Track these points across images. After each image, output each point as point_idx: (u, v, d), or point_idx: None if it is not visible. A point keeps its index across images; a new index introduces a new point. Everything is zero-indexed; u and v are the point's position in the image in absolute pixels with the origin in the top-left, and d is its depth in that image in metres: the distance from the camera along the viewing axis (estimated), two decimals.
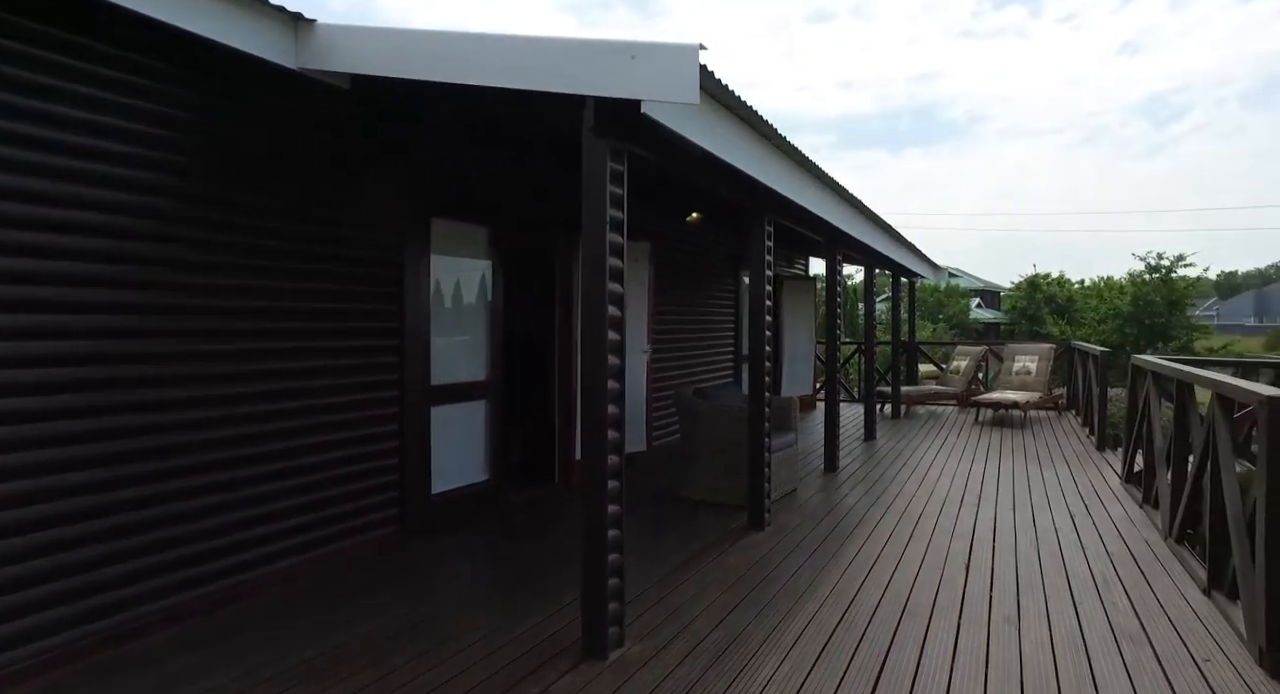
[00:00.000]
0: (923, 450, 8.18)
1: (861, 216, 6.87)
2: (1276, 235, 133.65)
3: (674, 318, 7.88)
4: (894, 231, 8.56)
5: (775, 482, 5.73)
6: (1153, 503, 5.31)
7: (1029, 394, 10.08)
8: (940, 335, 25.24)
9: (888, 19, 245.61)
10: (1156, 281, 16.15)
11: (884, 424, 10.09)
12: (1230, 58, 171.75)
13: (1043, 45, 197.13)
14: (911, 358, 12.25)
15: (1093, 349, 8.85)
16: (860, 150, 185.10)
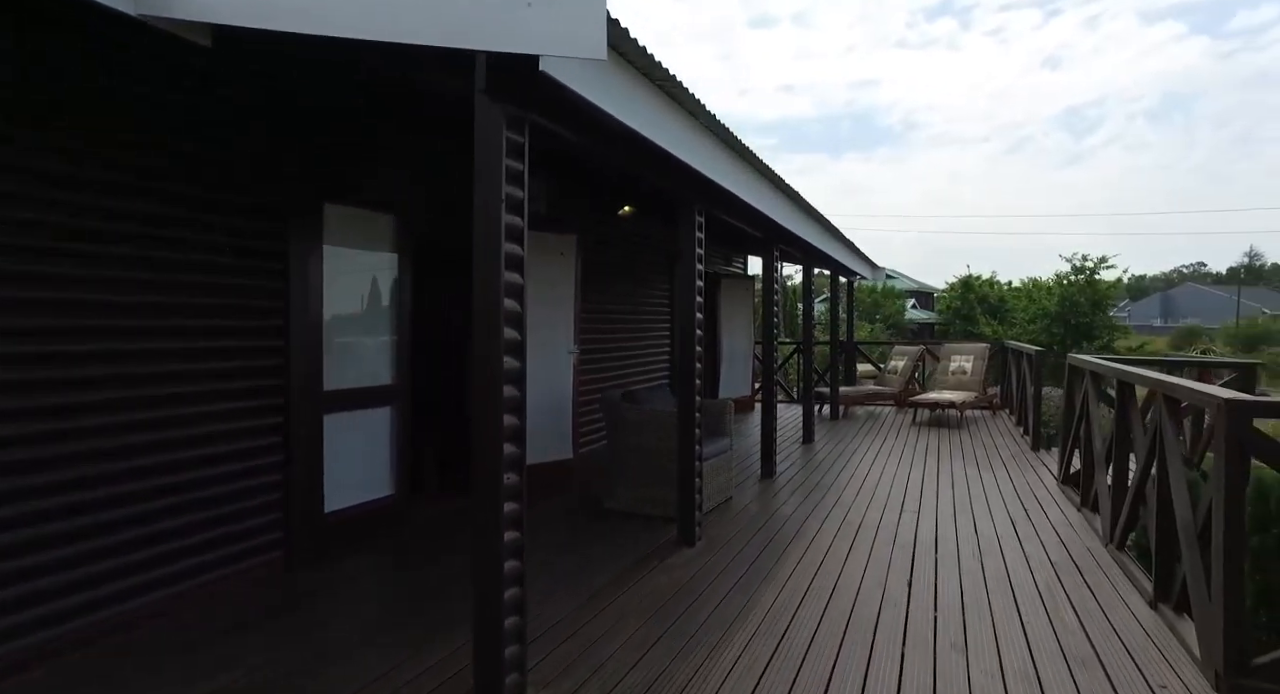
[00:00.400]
0: (861, 453, 7.98)
1: (800, 211, 6.61)
2: (1180, 241, 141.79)
3: (605, 317, 7.47)
4: (833, 228, 8.35)
5: (708, 491, 5.38)
6: (1091, 506, 5.17)
7: (965, 394, 10.05)
8: (877, 335, 25.55)
9: (827, 26, 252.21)
10: (1081, 283, 16.64)
11: (822, 426, 9.91)
12: (1137, 76, 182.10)
13: (972, 57, 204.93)
14: (850, 358, 12.16)
15: (1027, 349, 8.85)
16: (802, 154, 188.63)
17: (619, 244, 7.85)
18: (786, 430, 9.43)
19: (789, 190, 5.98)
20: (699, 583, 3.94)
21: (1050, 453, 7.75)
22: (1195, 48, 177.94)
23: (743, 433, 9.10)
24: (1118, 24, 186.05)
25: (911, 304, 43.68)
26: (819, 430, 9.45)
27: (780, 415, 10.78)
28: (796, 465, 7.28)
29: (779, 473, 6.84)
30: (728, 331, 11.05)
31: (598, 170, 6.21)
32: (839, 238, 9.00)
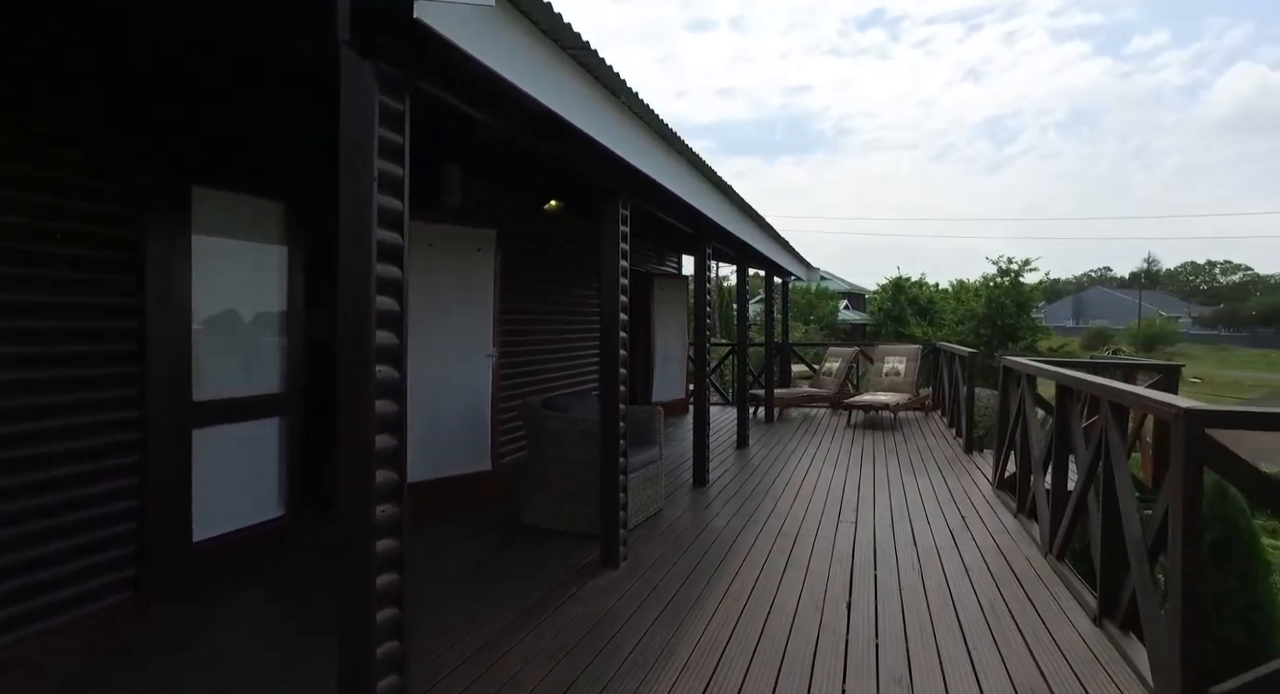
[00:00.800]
0: (797, 458, 7.77)
1: (733, 206, 6.32)
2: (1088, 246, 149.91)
3: (530, 318, 7.03)
4: (768, 226, 8.13)
5: (636, 505, 5.02)
6: (1028, 513, 5.04)
7: (898, 395, 10.01)
8: (811, 336, 25.79)
9: (763, 32, 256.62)
10: (1007, 285, 17.06)
11: (757, 429, 9.69)
12: (1049, 90, 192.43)
13: (901, 67, 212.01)
14: (785, 359, 12.03)
15: (959, 350, 8.83)
16: (738, 156, 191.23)
17: (547, 242, 7.42)
18: (721, 434, 9.17)
19: (722, 184, 5.68)
20: (621, 612, 3.56)
21: (983, 455, 7.71)
22: (1099, 67, 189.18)
23: (676, 438, 8.79)
24: (1032, 41, 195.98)
25: (844, 305, 44.48)
26: (754, 434, 9.23)
27: (715, 419, 10.55)
28: (731, 472, 7.00)
29: (712, 481, 6.54)
30: (661, 332, 10.75)
31: (521, 159, 5.78)
32: (773, 236, 8.80)
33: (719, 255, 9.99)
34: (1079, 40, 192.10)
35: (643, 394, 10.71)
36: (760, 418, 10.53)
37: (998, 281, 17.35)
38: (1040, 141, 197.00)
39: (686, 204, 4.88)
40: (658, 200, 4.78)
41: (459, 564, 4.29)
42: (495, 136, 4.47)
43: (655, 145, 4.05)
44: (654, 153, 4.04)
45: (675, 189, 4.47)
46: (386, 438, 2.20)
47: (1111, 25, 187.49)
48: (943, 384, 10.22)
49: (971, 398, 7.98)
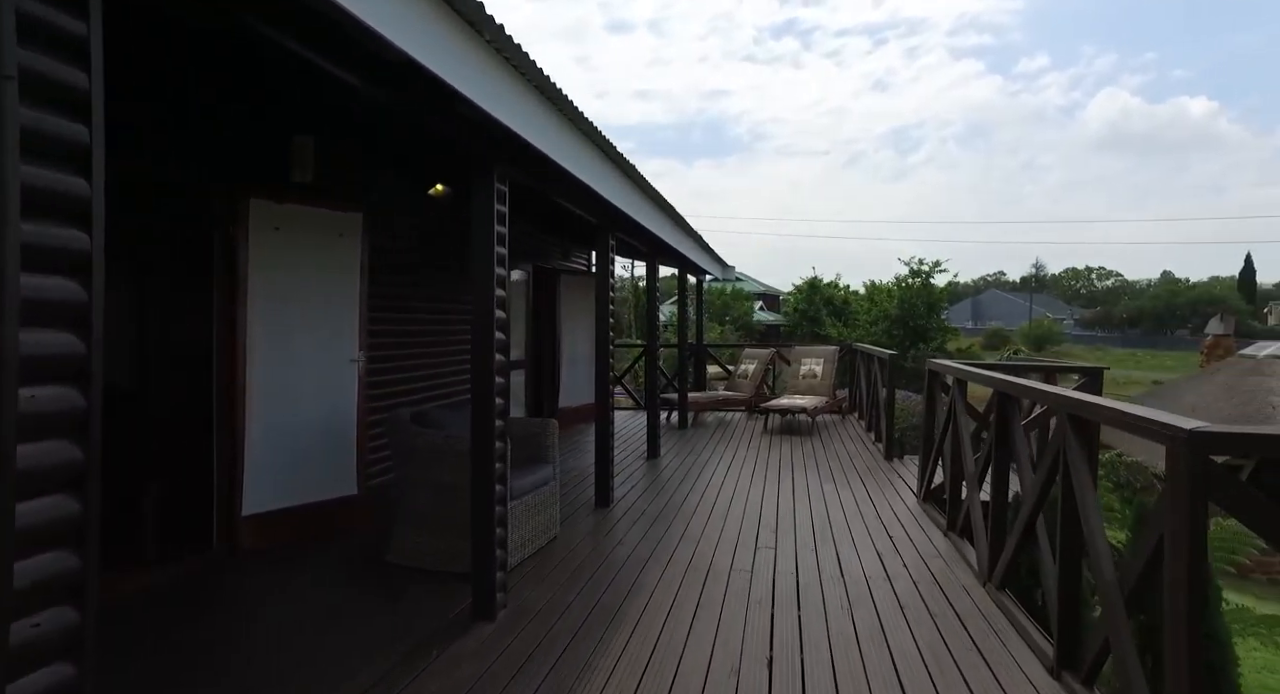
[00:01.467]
0: (711, 468, 7.19)
1: (642, 194, 5.65)
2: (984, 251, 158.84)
3: (407, 317, 6.14)
4: (681, 219, 7.52)
5: (524, 535, 4.27)
6: (960, 532, 4.58)
7: (816, 399, 9.62)
8: (727, 337, 25.56)
9: (680, 36, 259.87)
10: (918, 286, 17.18)
11: (670, 436, 9.09)
12: (948, 104, 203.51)
13: (813, 76, 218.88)
14: (700, 361, 11.50)
15: (879, 352, 8.48)
16: (657, 158, 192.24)
17: (433, 231, 6.55)
18: (631, 443, 8.51)
19: (628, 167, 5.01)
20: (492, 685, 2.81)
21: (904, 462, 7.35)
22: (991, 84, 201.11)
23: (583, 447, 8.07)
24: (932, 57, 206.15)
25: (760, 306, 44.86)
26: (666, 441, 8.61)
27: (625, 425, 9.89)
28: (639, 487, 6.33)
29: (618, 500, 5.85)
30: (569, 333, 10.00)
31: (391, 131, 4.92)
32: (687, 231, 8.21)
33: (627, 250, 9.34)
34: (973, 59, 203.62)
35: (550, 400, 9.94)
36: (674, 423, 9.95)
37: (909, 283, 17.48)
38: (940, 152, 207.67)
39: (583, 185, 4.17)
40: (547, 177, 4.05)
41: (297, 619, 3.43)
42: (352, 99, 3.64)
43: (539, 108, 3.32)
44: (537, 117, 3.31)
45: (569, 165, 3.75)
46: (58, 501, 1.38)
47: (1001, 47, 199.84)
48: (860, 386, 9.91)
49: (891, 402, 7.61)
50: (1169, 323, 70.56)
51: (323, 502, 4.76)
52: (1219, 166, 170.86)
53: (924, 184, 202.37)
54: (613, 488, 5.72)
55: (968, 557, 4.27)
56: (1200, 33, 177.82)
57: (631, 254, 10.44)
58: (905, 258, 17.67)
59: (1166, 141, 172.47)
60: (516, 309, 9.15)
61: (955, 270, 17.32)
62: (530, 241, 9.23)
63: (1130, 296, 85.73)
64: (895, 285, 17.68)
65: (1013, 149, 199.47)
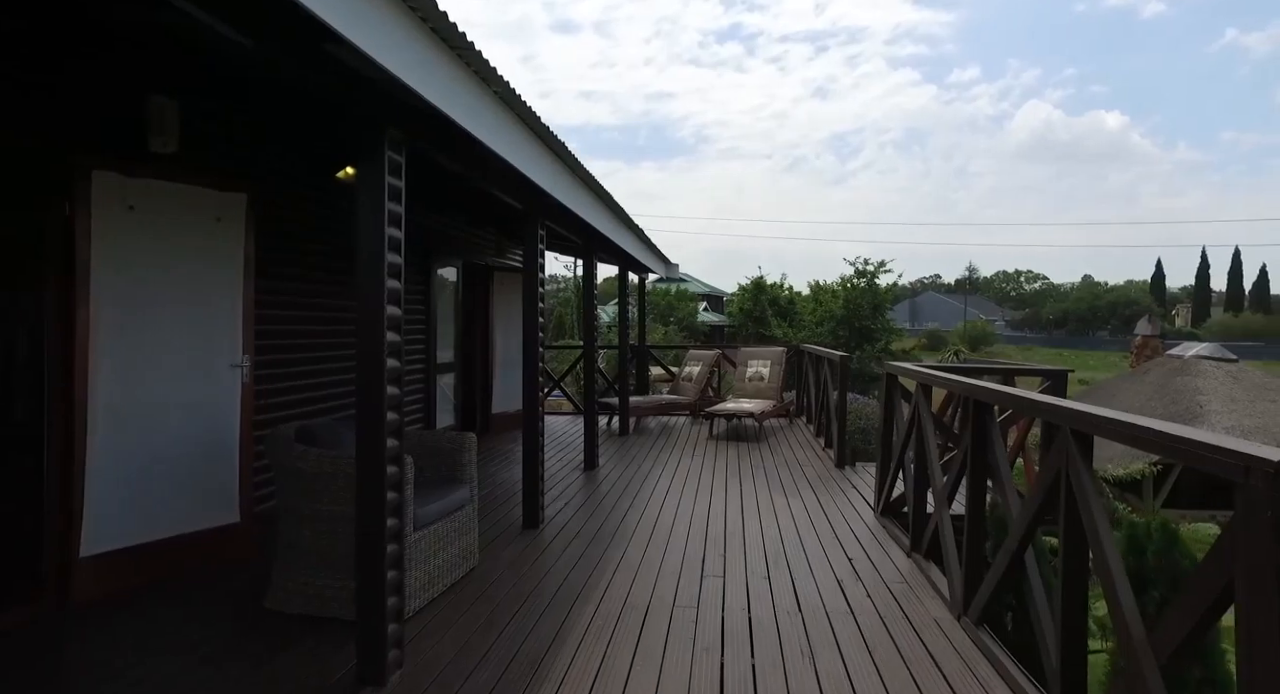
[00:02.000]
0: (653, 480, 6.65)
1: (572, 175, 5.06)
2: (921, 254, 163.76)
3: (306, 315, 5.41)
4: (620, 210, 6.97)
5: (433, 569, 3.64)
6: (925, 553, 4.15)
7: (763, 403, 9.19)
8: (671, 338, 25.14)
9: (626, 38, 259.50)
10: (864, 286, 17.03)
11: (610, 444, 8.52)
12: (886, 111, 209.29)
13: (757, 81, 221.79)
14: (642, 364, 10.97)
15: (829, 354, 8.08)
16: (601, 159, 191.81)
17: (337, 218, 5.82)
18: (567, 452, 7.92)
19: (554, 141, 4.42)
20: None
21: (857, 471, 6.95)
22: (926, 93, 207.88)
23: (515, 457, 7.43)
24: (871, 65, 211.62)
25: (704, 307, 44.74)
26: (605, 450, 8.04)
27: (563, 431, 9.28)
28: (573, 504, 5.74)
29: (548, 519, 5.25)
30: (503, 334, 9.34)
31: (267, 90, 4.19)
32: (627, 223, 7.66)
33: (561, 244, 8.74)
34: (909, 68, 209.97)
35: (482, 406, 9.25)
36: (614, 429, 9.38)
37: (855, 283, 17.32)
38: (879, 158, 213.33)
39: (500, 160, 3.56)
40: (454, 148, 3.43)
41: (150, 680, 2.72)
42: (214, 50, 2.94)
43: (439, 57, 2.71)
44: (438, 69, 2.70)
45: (481, 133, 3.15)
46: None
47: (936, 57, 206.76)
48: (808, 389, 9.52)
49: (843, 407, 7.21)
50: (1091, 324, 73.83)
51: (195, 534, 4.02)
52: (1131, 177, 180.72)
53: (863, 188, 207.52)
54: (543, 507, 5.12)
55: (936, 583, 3.83)
56: (1113, 52, 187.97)
57: (567, 249, 9.84)
58: (851, 258, 17.49)
59: (1086, 152, 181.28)
60: (446, 309, 8.44)
61: (900, 271, 17.11)
62: (460, 236, 8.54)
63: (1056, 299, 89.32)
64: (841, 286, 17.48)
65: (947, 155, 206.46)
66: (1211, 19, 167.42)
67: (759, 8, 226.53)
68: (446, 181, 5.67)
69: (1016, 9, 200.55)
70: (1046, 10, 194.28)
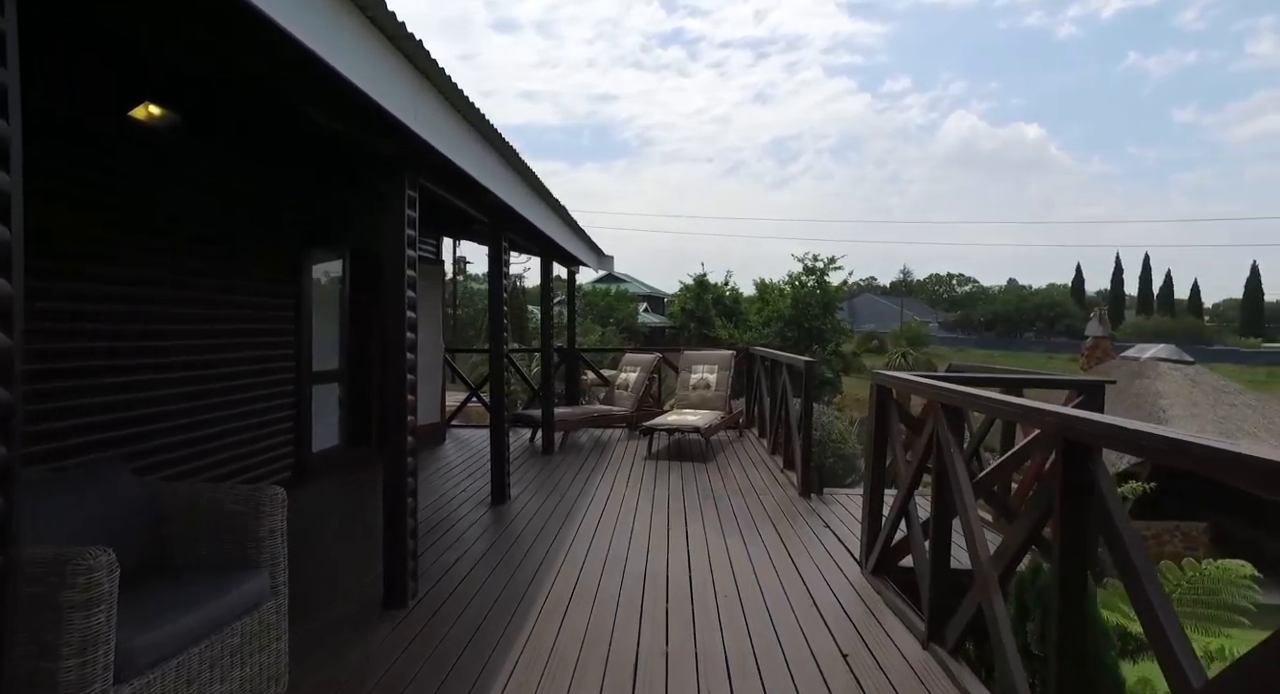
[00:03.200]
0: (577, 518, 5.29)
1: (464, 124, 3.67)
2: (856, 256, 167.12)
3: (90, 312, 3.85)
4: (539, 183, 5.61)
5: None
6: (951, 646, 2.91)
7: (710, 414, 7.95)
8: (610, 340, 23.80)
9: (569, 39, 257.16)
10: (812, 284, 15.99)
11: (530, 465, 7.13)
12: (823, 118, 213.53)
13: (699, 85, 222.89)
14: (573, 370, 9.58)
15: (790, 360, 6.84)
16: (544, 160, 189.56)
17: (141, 177, 4.27)
18: (474, 479, 6.48)
19: (461, 101, 3.04)
20: None
21: (826, 500, 5.74)
22: (862, 101, 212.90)
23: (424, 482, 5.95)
24: (809, 73, 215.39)
25: (644, 308, 43.69)
26: (524, 474, 6.65)
27: (478, 450, 7.83)
28: (467, 560, 4.33)
29: (423, 595, 3.81)
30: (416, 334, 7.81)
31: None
32: (551, 204, 6.30)
33: (465, 226, 7.31)
34: (845, 77, 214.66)
35: (379, 421, 7.72)
36: (539, 446, 7.98)
37: (803, 280, 16.27)
38: (817, 163, 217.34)
39: (376, 107, 2.18)
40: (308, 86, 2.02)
41: None
42: None
43: None
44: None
45: (347, 71, 1.76)
46: None
47: (871, 67, 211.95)
48: (761, 399, 8.32)
49: (808, 425, 5.99)
50: (1019, 325, 76.09)
51: None
52: (1050, 186, 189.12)
53: (803, 193, 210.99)
54: (412, 578, 3.68)
55: (965, 685, 2.59)
56: (1032, 68, 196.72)
57: (468, 232, 8.38)
58: (799, 254, 16.41)
59: (1009, 161, 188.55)
60: (328, 308, 6.90)
61: (850, 269, 16.15)
62: (346, 218, 7.01)
63: (985, 301, 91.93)
64: (788, 284, 16.40)
65: (881, 162, 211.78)
66: (1116, 42, 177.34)
67: (701, 14, 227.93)
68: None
69: (945, 24, 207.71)
70: (972, 26, 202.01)
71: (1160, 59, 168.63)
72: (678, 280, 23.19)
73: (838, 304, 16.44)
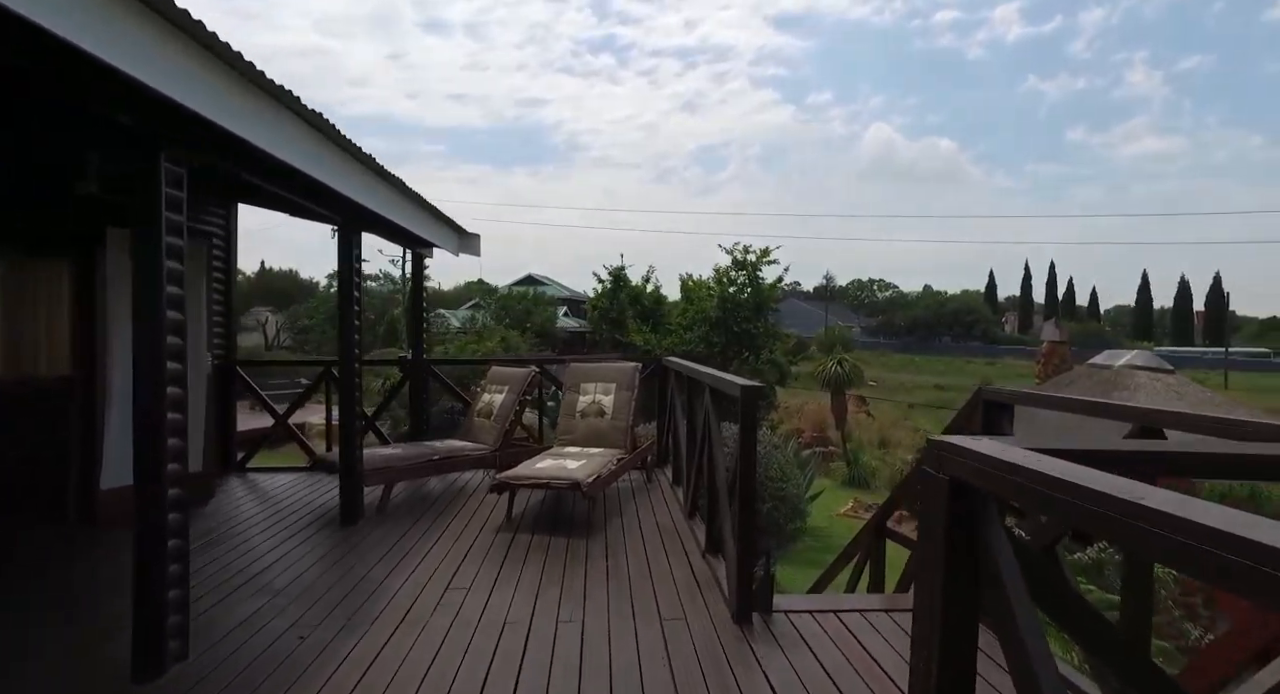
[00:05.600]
0: (340, 655, 2.72)
1: None
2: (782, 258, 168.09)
3: None
4: (324, 125, 3.06)
5: None
6: None
7: (602, 456, 5.48)
8: (517, 348, 21.00)
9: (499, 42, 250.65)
10: (743, 281, 13.58)
11: (319, 543, 4.50)
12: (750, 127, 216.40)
13: (629, 92, 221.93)
14: (417, 388, 6.94)
15: (720, 382, 4.30)
16: (471, 164, 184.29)
17: None
18: (260, 551, 3.80)
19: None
20: None
21: (774, 631, 3.34)
22: (786, 113, 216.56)
23: (117, 584, 3.26)
24: (736, 83, 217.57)
25: (564, 312, 41.34)
26: (296, 565, 4.02)
27: (271, 500, 5.16)
28: None
29: None
30: (125, 347, 5.05)
31: None
32: (339, 141, 3.71)
33: (232, 181, 4.63)
34: (771, 89, 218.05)
35: (78, 480, 4.97)
36: (373, 505, 5.33)
37: (731, 276, 13.85)
38: (743, 171, 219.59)
39: None
40: None
41: None
42: None
43: None
44: None
45: None
46: None
47: (795, 79, 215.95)
48: (676, 431, 5.90)
49: (750, 489, 3.55)
50: (937, 330, 77.45)
51: None
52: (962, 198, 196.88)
53: (729, 200, 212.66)
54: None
55: None
56: (945, 86, 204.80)
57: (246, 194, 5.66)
58: (727, 245, 14.03)
59: (925, 172, 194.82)
60: None
61: (786, 264, 13.90)
62: None
63: (904, 307, 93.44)
64: (715, 280, 13.93)
65: (804, 171, 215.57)
66: (1018, 65, 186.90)
67: (632, 21, 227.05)
68: None
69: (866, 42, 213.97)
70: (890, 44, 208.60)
71: (1054, 83, 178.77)
72: (592, 275, 20.70)
73: (774, 304, 14.13)
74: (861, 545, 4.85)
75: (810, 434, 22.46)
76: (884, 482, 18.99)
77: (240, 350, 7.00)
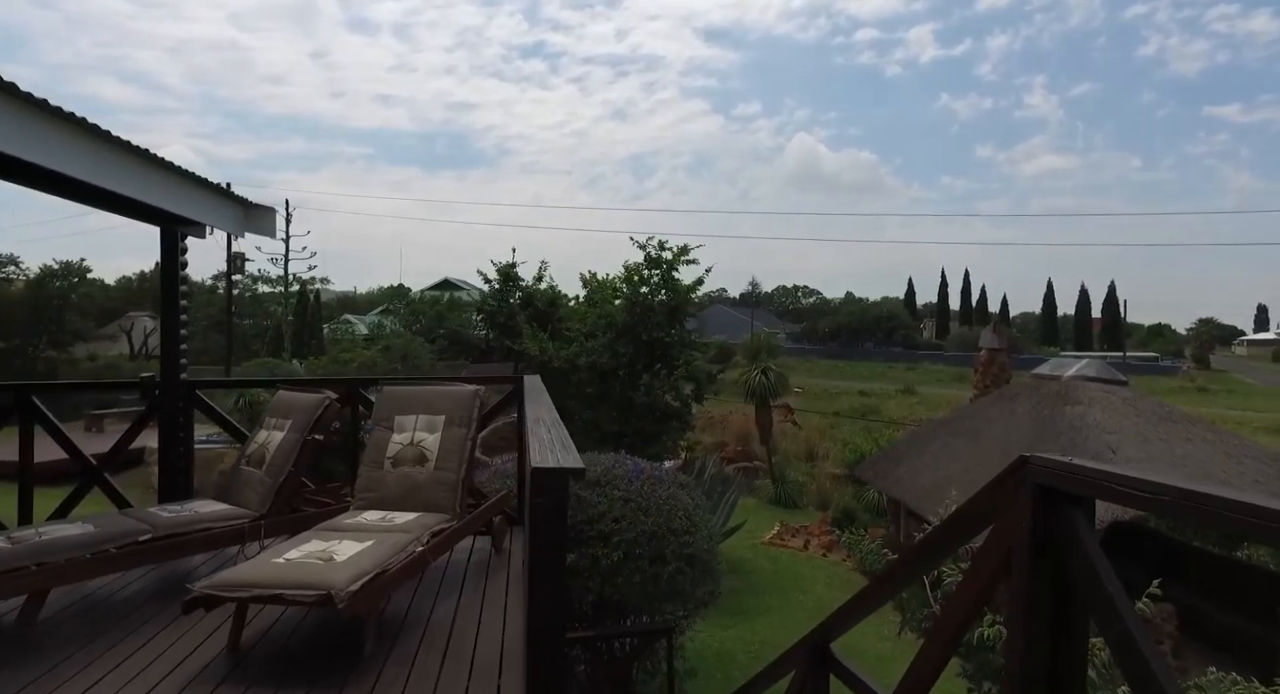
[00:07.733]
0: None
1: None
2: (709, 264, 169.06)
3: None
4: None
5: None
6: None
7: (414, 527, 3.59)
8: (418, 357, 18.75)
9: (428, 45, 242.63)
10: (657, 281, 11.70)
11: None
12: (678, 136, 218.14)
13: (559, 99, 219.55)
14: (172, 423, 4.84)
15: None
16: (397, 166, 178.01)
17: None
18: None
19: None
20: None
21: None
22: (715, 122, 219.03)
23: None
24: (666, 93, 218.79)
25: (481, 317, 38.98)
26: None
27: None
28: None
29: None
30: None
31: None
32: None
33: None
34: (700, 99, 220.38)
35: None
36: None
37: (644, 274, 11.95)
38: (672, 180, 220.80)
39: None
40: None
41: None
42: None
43: None
44: None
45: None
46: None
47: (724, 91, 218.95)
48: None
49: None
50: (860, 336, 78.31)
51: None
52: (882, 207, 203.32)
53: (657, 208, 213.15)
54: None
55: None
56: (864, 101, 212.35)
57: None
58: (641, 239, 12.22)
59: (846, 183, 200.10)
60: None
61: (709, 265, 12.16)
62: None
63: (828, 313, 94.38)
64: (624, 279, 12.06)
65: (732, 180, 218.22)
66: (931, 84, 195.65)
67: (564, 28, 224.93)
68: None
69: (791, 56, 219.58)
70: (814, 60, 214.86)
71: (964, 102, 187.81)
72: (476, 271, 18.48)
73: (692, 309, 12.34)
74: (795, 665, 3.13)
75: (734, 448, 20.95)
76: (812, 499, 17.59)
77: (99, 360, 4.76)
